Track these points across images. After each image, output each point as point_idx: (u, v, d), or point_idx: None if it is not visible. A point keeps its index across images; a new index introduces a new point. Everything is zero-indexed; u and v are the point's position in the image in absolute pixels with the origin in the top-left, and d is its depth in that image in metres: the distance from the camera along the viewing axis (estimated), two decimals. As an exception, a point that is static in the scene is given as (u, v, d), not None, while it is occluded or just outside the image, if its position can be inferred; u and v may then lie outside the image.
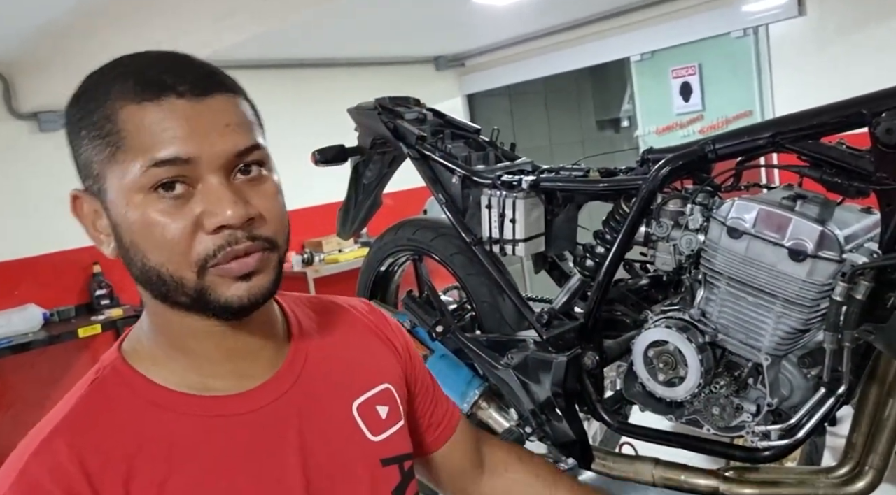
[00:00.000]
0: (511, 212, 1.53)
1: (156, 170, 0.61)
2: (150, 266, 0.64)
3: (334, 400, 0.76)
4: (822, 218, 1.13)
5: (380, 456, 0.77)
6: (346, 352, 0.81)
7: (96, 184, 0.65)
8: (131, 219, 0.63)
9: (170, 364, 0.69)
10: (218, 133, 0.63)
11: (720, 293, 1.25)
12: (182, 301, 0.66)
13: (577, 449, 1.39)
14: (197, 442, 0.66)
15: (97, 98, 0.64)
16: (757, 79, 4.33)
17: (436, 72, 5.65)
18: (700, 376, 1.26)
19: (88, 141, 0.64)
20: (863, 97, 1.09)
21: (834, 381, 1.15)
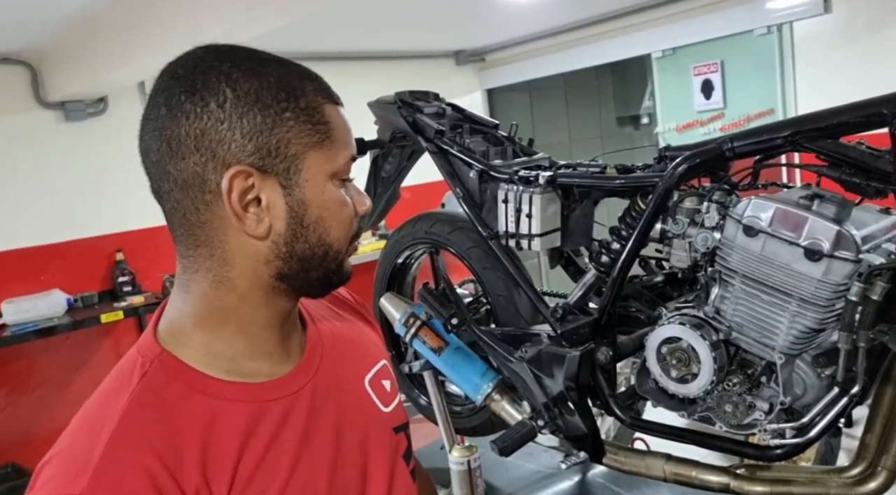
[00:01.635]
0: (528, 207, 1.54)
1: (349, 163, 0.74)
2: (325, 241, 0.72)
3: (351, 377, 0.83)
4: (839, 218, 1.13)
5: (391, 424, 0.85)
6: (348, 332, 0.88)
7: (286, 162, 0.69)
8: (330, 197, 0.72)
9: (221, 351, 0.72)
10: None
11: (735, 291, 1.25)
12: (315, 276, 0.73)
13: (588, 444, 1.40)
14: (254, 426, 0.70)
15: (294, 87, 0.70)
16: (780, 77, 4.28)
17: (456, 66, 5.65)
18: (713, 373, 1.26)
19: (294, 123, 0.69)
20: (883, 97, 1.09)
21: (848, 381, 1.15)
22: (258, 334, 0.74)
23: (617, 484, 1.72)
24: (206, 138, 0.67)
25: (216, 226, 0.69)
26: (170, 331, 0.73)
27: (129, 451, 0.64)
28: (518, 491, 1.75)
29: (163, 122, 0.68)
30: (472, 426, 1.86)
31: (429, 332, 1.63)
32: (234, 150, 0.67)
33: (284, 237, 0.70)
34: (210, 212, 0.69)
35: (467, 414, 1.89)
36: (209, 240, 0.70)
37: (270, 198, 0.69)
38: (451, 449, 1.55)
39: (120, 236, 3.79)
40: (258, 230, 0.69)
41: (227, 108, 0.67)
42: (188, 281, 0.72)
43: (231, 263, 0.71)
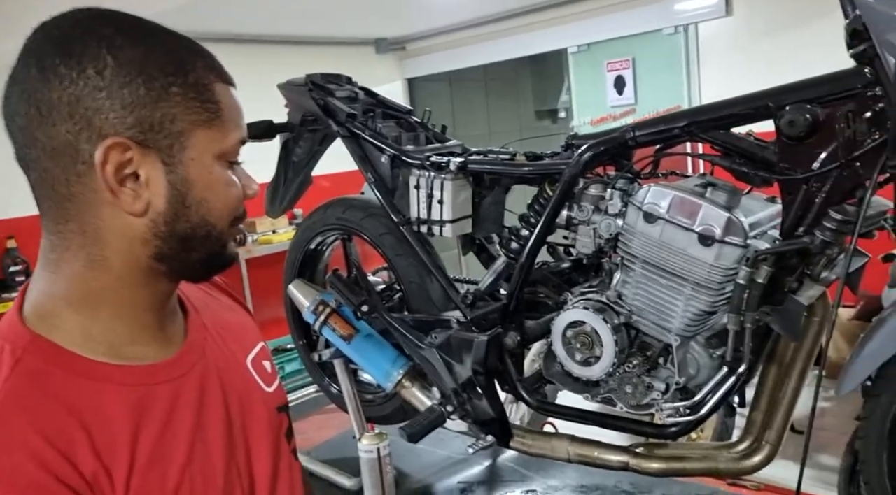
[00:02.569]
0: (439, 193, 1.54)
1: (238, 144, 0.71)
2: (207, 220, 0.69)
3: (233, 359, 0.82)
4: (729, 205, 1.19)
5: (275, 404, 0.84)
6: (226, 315, 0.86)
7: (170, 138, 0.66)
8: (215, 178, 0.69)
9: (100, 335, 0.68)
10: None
11: (636, 276, 1.29)
12: (195, 258, 0.71)
13: (496, 428, 1.42)
14: (145, 409, 0.67)
15: (184, 60, 0.67)
16: (686, 75, 4.46)
17: (376, 55, 5.58)
18: (614, 356, 1.30)
19: (181, 98, 0.66)
20: (769, 90, 1.15)
21: (735, 361, 1.22)
22: (138, 317, 0.70)
23: (525, 467, 1.75)
24: (82, 106, 0.62)
25: (89, 201, 0.65)
26: (38, 315, 0.67)
27: (17, 440, 0.59)
28: (429, 477, 1.75)
29: (33, 85, 0.62)
30: (384, 414, 1.85)
31: (339, 320, 1.61)
32: (112, 121, 0.63)
33: (164, 216, 0.66)
34: (82, 185, 0.64)
35: (380, 401, 1.88)
36: (80, 215, 0.66)
37: (150, 175, 0.65)
38: (361, 438, 1.53)
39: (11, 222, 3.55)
40: (135, 207, 0.65)
41: (106, 75, 0.62)
42: (57, 260, 0.67)
43: (105, 241, 0.66)
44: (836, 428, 2.95)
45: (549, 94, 6.56)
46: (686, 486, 1.60)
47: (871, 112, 1.02)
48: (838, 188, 1.08)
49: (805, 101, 1.09)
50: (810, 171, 1.09)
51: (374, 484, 1.49)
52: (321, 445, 1.98)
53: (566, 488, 1.67)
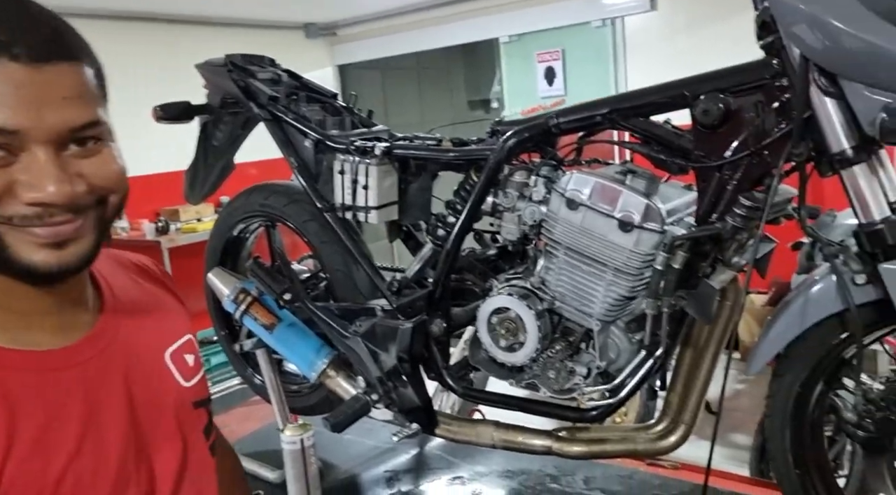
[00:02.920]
0: (364, 178, 1.51)
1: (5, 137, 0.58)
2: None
3: (149, 350, 0.78)
4: (648, 192, 1.21)
5: (192, 399, 0.81)
6: (151, 304, 0.83)
7: None
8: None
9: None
10: (52, 106, 0.60)
11: (558, 262, 1.31)
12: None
13: (421, 415, 1.41)
14: (33, 396, 0.64)
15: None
16: (613, 66, 4.57)
17: (306, 39, 5.46)
18: (538, 341, 1.31)
19: None
20: (685, 80, 1.17)
21: (653, 345, 1.24)
22: (21, 306, 0.67)
23: (452, 455, 1.75)
24: None
25: None
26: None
27: None
28: (355, 468, 1.73)
29: None
30: (310, 404, 1.81)
31: (260, 309, 1.56)
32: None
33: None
34: None
35: (306, 392, 1.84)
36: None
37: None
38: (284, 429, 1.50)
39: None
40: None
41: None
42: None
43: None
44: (750, 409, 3.10)
45: (482, 84, 6.58)
46: (607, 468, 1.64)
47: (778, 102, 1.06)
48: (748, 176, 1.11)
49: (718, 91, 1.12)
50: (723, 159, 1.12)
51: (297, 476, 1.46)
52: (245, 438, 1.93)
53: (492, 474, 1.68)
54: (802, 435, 1.14)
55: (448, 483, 1.65)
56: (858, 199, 0.98)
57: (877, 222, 0.96)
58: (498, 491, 1.62)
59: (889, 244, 0.95)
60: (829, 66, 0.95)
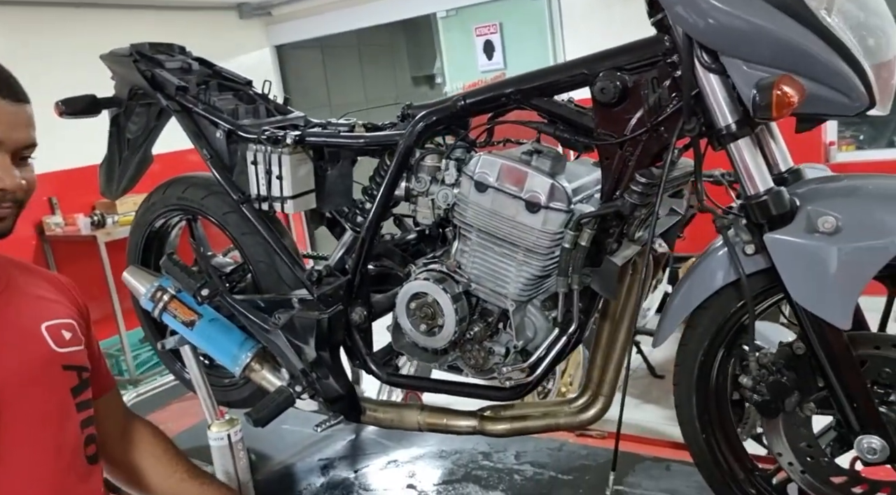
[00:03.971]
0: (277, 168, 1.48)
1: None
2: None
3: (25, 322, 1.04)
4: (553, 171, 1.22)
5: (61, 362, 1.05)
6: (35, 291, 1.11)
7: None
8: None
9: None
10: (19, 129, 0.99)
11: (472, 244, 1.31)
12: None
13: (345, 404, 1.41)
14: None
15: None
16: (551, 39, 4.57)
17: (239, 20, 5.32)
18: (456, 324, 1.32)
19: None
20: (584, 58, 1.17)
21: (566, 322, 1.26)
22: None
23: (388, 439, 1.76)
24: None
25: None
26: None
27: None
28: (289, 458, 1.73)
29: None
30: (242, 397, 1.80)
31: (179, 305, 1.53)
32: None
33: None
34: None
35: (241, 384, 1.82)
36: None
37: None
38: (211, 425, 1.48)
39: None
40: None
41: None
42: None
43: None
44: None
45: (425, 60, 6.53)
46: (538, 442, 1.67)
47: (670, 79, 1.07)
48: (647, 152, 1.12)
49: (616, 69, 1.12)
50: (623, 136, 1.13)
51: (225, 471, 1.45)
52: (180, 434, 1.90)
53: (427, 455, 1.70)
54: (707, 400, 1.18)
55: (383, 466, 1.67)
56: (744, 172, 1.00)
57: (761, 194, 0.99)
58: (433, 471, 1.64)
59: (773, 214, 0.98)
60: (711, 44, 0.96)
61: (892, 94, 0.97)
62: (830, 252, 0.93)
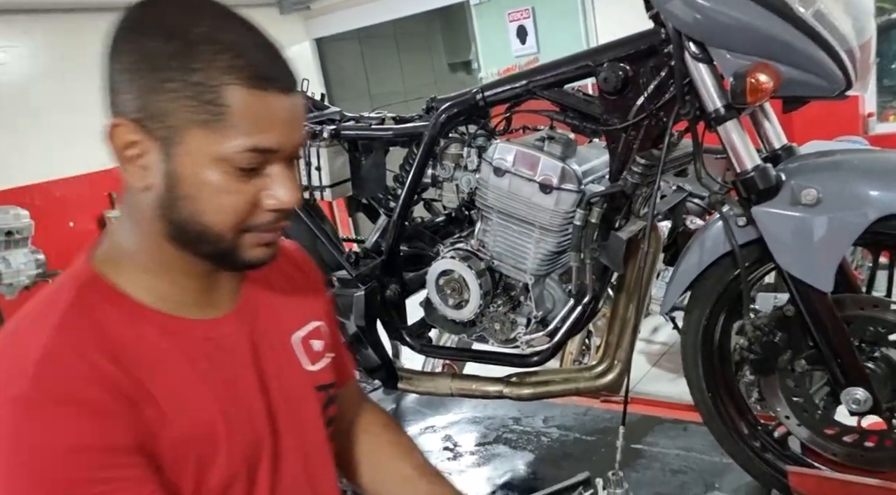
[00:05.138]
0: (316, 160, 1.63)
1: (251, 154, 0.67)
2: (198, 220, 0.68)
3: (279, 334, 0.84)
4: (564, 155, 1.33)
5: (315, 383, 0.87)
6: (286, 290, 0.88)
7: (167, 131, 0.66)
8: (205, 179, 0.67)
9: (152, 288, 0.73)
10: (297, 128, 0.71)
11: (493, 225, 1.43)
12: (205, 250, 0.71)
13: (382, 373, 1.56)
14: (177, 358, 0.71)
15: (198, 58, 0.64)
16: (583, 22, 4.60)
17: (280, 15, 5.49)
18: (480, 298, 1.44)
19: (177, 94, 0.65)
20: (590, 51, 1.28)
21: (580, 293, 1.38)
22: (178, 280, 0.74)
23: (426, 407, 1.91)
24: (114, 83, 0.68)
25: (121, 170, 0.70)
26: (103, 259, 0.73)
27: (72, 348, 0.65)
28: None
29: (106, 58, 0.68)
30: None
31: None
32: (124, 102, 0.67)
33: (160, 200, 0.69)
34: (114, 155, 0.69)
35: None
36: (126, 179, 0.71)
37: (151, 159, 0.68)
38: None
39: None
40: (138, 183, 0.69)
41: (130, 59, 0.67)
42: (121, 215, 0.74)
43: (136, 206, 0.72)
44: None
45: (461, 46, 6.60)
46: (564, 408, 1.79)
47: (667, 68, 1.16)
48: (648, 135, 1.22)
49: (617, 60, 1.22)
50: (625, 122, 1.23)
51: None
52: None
53: (461, 421, 1.84)
54: (712, 362, 1.27)
55: (421, 431, 1.81)
56: (733, 152, 1.09)
57: (749, 171, 1.08)
58: (467, 435, 1.78)
59: (760, 189, 1.07)
60: (698, 36, 1.06)
61: (868, 74, 1.05)
62: (812, 222, 1.02)
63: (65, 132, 4.14)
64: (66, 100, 4.14)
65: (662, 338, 3.69)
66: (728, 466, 1.38)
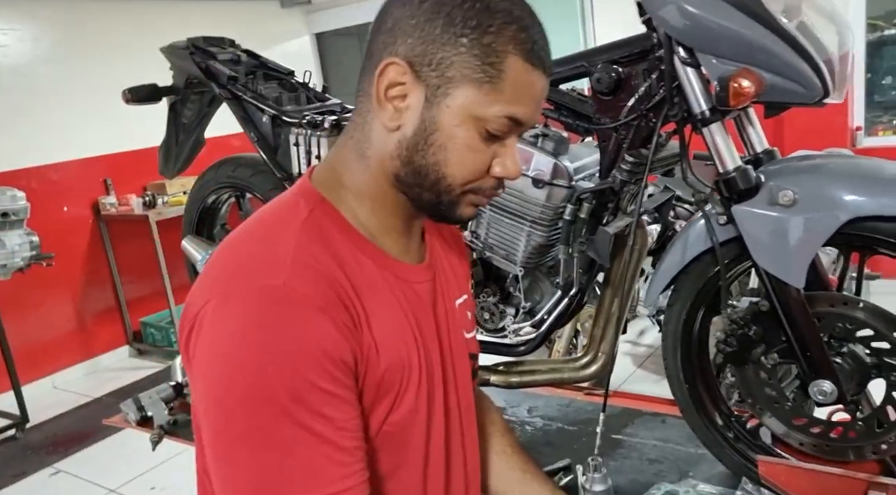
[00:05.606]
0: (317, 149, 1.68)
1: (504, 121, 0.72)
2: (439, 169, 0.73)
3: (450, 296, 0.89)
4: (556, 152, 1.38)
5: (469, 350, 0.92)
6: (451, 259, 0.94)
7: (440, 80, 0.71)
8: (457, 133, 0.72)
9: (366, 222, 0.77)
10: (540, 109, 0.77)
11: (486, 217, 1.48)
12: (426, 198, 0.76)
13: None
14: (387, 291, 0.76)
15: (491, 23, 0.70)
16: (581, 26, 4.67)
17: (281, 9, 5.53)
18: (472, 287, 1.50)
19: (465, 50, 0.70)
20: (584, 52, 1.33)
21: (567, 285, 1.43)
22: (388, 219, 0.79)
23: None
24: (398, 25, 0.72)
25: (371, 102, 0.74)
26: (324, 185, 0.77)
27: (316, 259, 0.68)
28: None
29: (388, 3, 0.74)
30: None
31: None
32: (406, 44, 0.71)
33: (407, 142, 0.73)
34: (372, 87, 0.73)
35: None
36: (363, 113, 0.76)
37: (412, 102, 0.72)
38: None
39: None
40: (389, 123, 0.73)
41: (424, 8, 0.71)
42: (342, 144, 0.79)
43: (370, 142, 0.76)
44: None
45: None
46: (549, 399, 1.84)
47: (658, 71, 1.22)
48: (638, 135, 1.28)
49: (611, 62, 1.27)
50: (617, 121, 1.29)
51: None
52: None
53: (448, 408, 1.89)
54: (690, 354, 1.33)
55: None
56: (716, 152, 1.15)
57: (730, 171, 1.13)
58: (453, 422, 1.83)
59: (740, 189, 1.13)
60: (687, 42, 1.11)
61: (844, 84, 1.11)
62: (787, 221, 1.08)
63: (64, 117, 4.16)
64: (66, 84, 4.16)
65: (649, 341, 3.76)
66: (702, 456, 1.44)
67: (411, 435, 0.78)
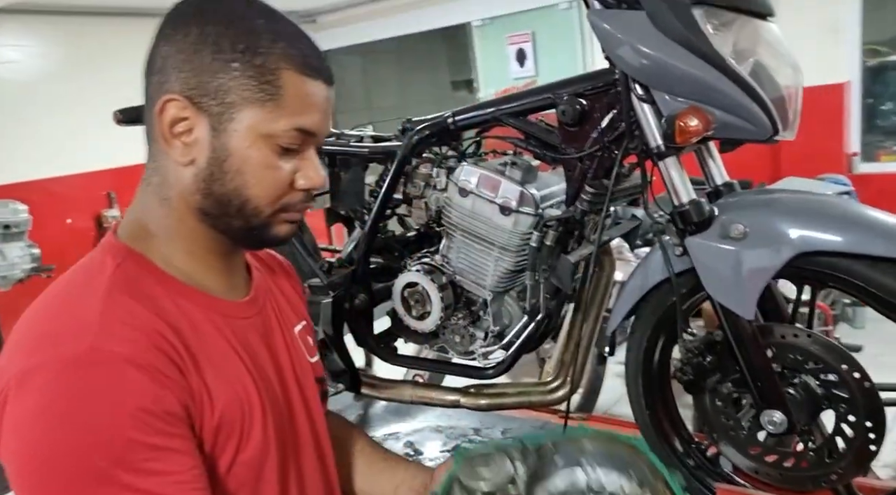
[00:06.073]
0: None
1: (294, 133, 0.74)
2: (242, 193, 0.74)
3: (286, 325, 0.91)
4: (524, 180, 1.41)
5: (315, 374, 0.94)
6: (281, 287, 0.96)
7: (221, 107, 0.72)
8: (251, 155, 0.73)
9: (180, 265, 0.77)
10: (330, 118, 0.79)
11: (456, 242, 1.51)
12: (237, 225, 0.76)
13: (347, 378, 1.63)
14: (213, 332, 0.76)
15: (259, 44, 0.72)
16: (581, 47, 4.73)
17: (286, 27, 5.61)
18: (441, 310, 1.52)
19: (239, 74, 0.71)
20: (551, 85, 1.37)
21: (534, 311, 1.46)
22: (205, 258, 0.79)
23: (392, 415, 1.98)
24: (167, 63, 0.73)
25: (160, 144, 0.74)
26: (131, 237, 0.76)
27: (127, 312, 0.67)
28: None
29: (153, 42, 0.75)
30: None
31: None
32: (181, 79, 0.72)
33: (203, 174, 0.74)
34: (156, 128, 0.74)
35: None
36: (157, 157, 0.76)
37: (199, 134, 0.73)
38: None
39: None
40: (181, 158, 0.74)
41: (188, 41, 0.72)
42: (143, 191, 0.78)
43: (168, 183, 0.76)
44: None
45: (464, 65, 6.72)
46: (523, 421, 1.86)
47: (618, 104, 1.25)
48: (601, 166, 1.31)
49: (576, 95, 1.31)
50: (581, 152, 1.32)
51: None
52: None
53: (425, 429, 1.91)
54: (651, 382, 1.35)
55: (384, 437, 1.88)
56: (671, 186, 1.17)
57: (685, 204, 1.16)
58: (429, 443, 1.85)
59: (694, 221, 1.15)
60: (642, 79, 1.14)
61: (794, 122, 1.13)
62: (738, 254, 1.10)
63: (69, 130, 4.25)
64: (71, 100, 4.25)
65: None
66: (666, 483, 1.45)
67: (264, 470, 0.77)
